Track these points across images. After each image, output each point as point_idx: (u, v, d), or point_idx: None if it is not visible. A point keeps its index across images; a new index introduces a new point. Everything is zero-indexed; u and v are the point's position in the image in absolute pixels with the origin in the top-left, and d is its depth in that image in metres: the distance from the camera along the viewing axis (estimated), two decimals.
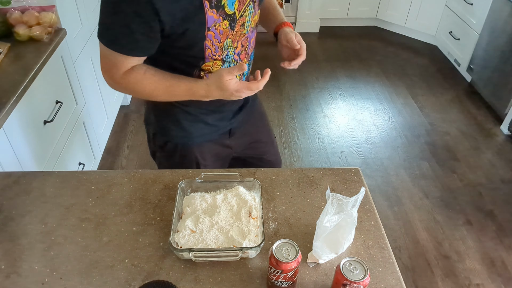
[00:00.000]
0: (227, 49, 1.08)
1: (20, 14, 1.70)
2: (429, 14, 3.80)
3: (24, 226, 0.92)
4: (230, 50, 1.09)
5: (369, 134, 2.85)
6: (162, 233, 0.92)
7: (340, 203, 0.85)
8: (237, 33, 1.08)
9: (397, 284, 0.83)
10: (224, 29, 1.03)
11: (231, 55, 1.10)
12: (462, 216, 2.26)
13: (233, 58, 1.12)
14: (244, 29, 1.10)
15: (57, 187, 1.02)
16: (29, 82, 1.48)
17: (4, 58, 1.57)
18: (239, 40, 1.11)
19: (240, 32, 1.09)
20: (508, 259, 2.04)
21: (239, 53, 1.13)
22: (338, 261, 0.79)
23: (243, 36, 1.11)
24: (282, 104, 3.10)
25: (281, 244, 0.78)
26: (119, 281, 0.82)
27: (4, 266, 0.84)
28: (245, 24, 1.09)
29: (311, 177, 1.08)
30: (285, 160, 2.62)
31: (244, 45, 1.14)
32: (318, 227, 0.85)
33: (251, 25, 1.12)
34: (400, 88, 3.37)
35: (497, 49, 2.96)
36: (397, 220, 2.23)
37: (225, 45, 1.07)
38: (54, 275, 0.83)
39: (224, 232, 0.89)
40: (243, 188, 0.98)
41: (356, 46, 3.96)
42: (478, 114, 3.07)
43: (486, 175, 2.53)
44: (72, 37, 1.97)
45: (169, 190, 1.03)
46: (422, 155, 2.68)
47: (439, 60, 3.78)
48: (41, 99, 1.66)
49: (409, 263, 2.01)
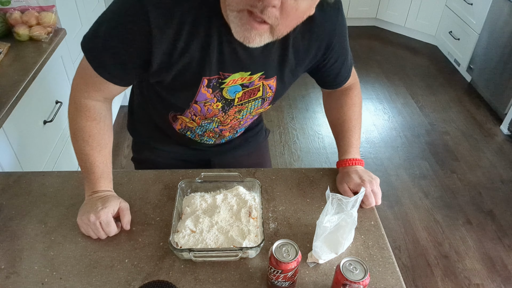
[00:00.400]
0: (212, 120, 1.00)
1: (20, 14, 1.70)
2: (429, 14, 3.80)
3: (24, 226, 0.92)
4: (214, 123, 1.02)
5: (369, 134, 2.85)
6: (162, 233, 0.92)
7: (340, 203, 0.85)
8: (229, 116, 0.99)
9: (397, 284, 0.83)
10: (214, 109, 0.94)
11: (213, 126, 1.03)
12: (462, 216, 2.27)
13: (213, 129, 1.05)
14: (239, 115, 1.00)
15: (57, 187, 1.02)
16: (29, 82, 1.48)
17: (4, 58, 1.57)
18: (230, 123, 1.03)
19: (233, 117, 1.00)
20: (508, 259, 2.04)
21: (222, 129, 1.06)
22: (338, 261, 0.79)
23: (236, 120, 1.02)
24: (281, 104, 3.10)
25: (281, 244, 0.78)
26: (119, 281, 0.82)
27: (4, 266, 0.84)
28: (243, 111, 0.99)
29: (311, 177, 1.08)
30: (285, 160, 2.62)
31: (234, 126, 1.06)
32: (318, 227, 0.85)
33: (250, 114, 1.02)
34: (400, 88, 3.37)
35: (497, 49, 2.96)
36: (397, 220, 2.23)
37: (210, 119, 1.00)
38: (54, 275, 0.83)
39: (224, 232, 0.89)
40: (243, 188, 0.98)
41: (356, 46, 3.96)
42: (478, 114, 3.07)
43: (486, 175, 2.53)
44: (72, 37, 1.97)
45: (169, 190, 1.03)
46: (422, 155, 2.68)
47: (439, 60, 3.78)
48: (41, 99, 1.66)
49: (409, 263, 2.01)
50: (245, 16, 0.71)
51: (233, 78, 0.88)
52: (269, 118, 2.96)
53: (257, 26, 0.71)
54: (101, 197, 0.91)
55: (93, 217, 0.87)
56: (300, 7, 0.71)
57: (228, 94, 0.91)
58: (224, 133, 1.08)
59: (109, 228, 0.88)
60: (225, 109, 0.96)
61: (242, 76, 0.89)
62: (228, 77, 0.88)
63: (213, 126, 1.03)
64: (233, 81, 0.89)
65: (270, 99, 0.98)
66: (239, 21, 0.72)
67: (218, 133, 1.08)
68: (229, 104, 0.94)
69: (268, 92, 0.96)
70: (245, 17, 0.71)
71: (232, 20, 0.73)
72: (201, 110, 0.94)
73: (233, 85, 0.90)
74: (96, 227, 0.87)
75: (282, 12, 0.70)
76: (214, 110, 0.94)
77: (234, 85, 0.90)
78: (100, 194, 0.91)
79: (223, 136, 1.11)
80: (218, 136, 1.10)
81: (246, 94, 0.93)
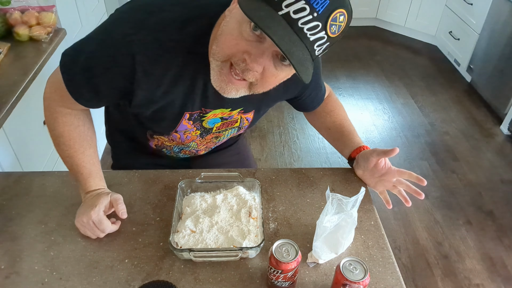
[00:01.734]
0: (188, 146, 1.04)
1: (20, 14, 1.70)
2: (429, 14, 3.80)
3: (24, 226, 0.92)
4: (190, 147, 1.06)
5: (369, 134, 2.85)
6: (162, 233, 0.92)
7: (340, 203, 0.85)
8: (205, 140, 1.03)
9: (397, 284, 0.83)
10: (193, 135, 0.99)
11: (191, 147, 1.06)
12: (462, 216, 2.26)
13: (190, 149, 1.08)
14: (216, 140, 1.05)
15: (57, 187, 1.02)
16: (29, 82, 1.48)
17: (4, 58, 1.57)
18: (206, 145, 1.06)
19: (210, 140, 1.04)
20: (508, 259, 2.04)
21: (198, 150, 1.09)
22: (338, 261, 0.79)
23: (213, 143, 1.07)
24: (282, 104, 3.08)
25: (281, 244, 0.78)
26: (119, 281, 0.82)
27: (4, 266, 0.84)
28: (220, 138, 1.05)
29: (311, 177, 1.08)
30: (285, 160, 2.62)
31: (209, 147, 1.10)
32: (318, 227, 0.85)
33: (226, 138, 1.07)
34: (400, 88, 3.37)
35: (497, 49, 2.96)
36: (397, 220, 2.23)
37: (187, 144, 1.03)
38: (54, 275, 0.83)
39: (224, 232, 0.89)
40: (243, 188, 0.98)
41: (356, 46, 3.96)
42: (478, 114, 3.07)
43: (486, 175, 2.53)
44: (72, 37, 1.97)
45: (169, 190, 1.03)
46: (422, 155, 2.68)
47: (439, 60, 3.78)
48: (41, 99, 1.66)
49: (409, 263, 2.01)
50: (226, 68, 0.73)
51: (214, 113, 0.92)
52: (269, 118, 2.96)
53: (235, 82, 0.74)
54: (93, 196, 0.91)
55: (85, 217, 0.87)
56: (279, 75, 0.75)
57: (207, 125, 0.96)
58: (200, 152, 1.12)
59: (102, 225, 0.88)
60: (203, 135, 1.00)
61: (222, 112, 0.93)
62: (209, 112, 0.92)
63: (190, 147, 1.06)
64: (214, 115, 0.93)
65: (246, 128, 1.04)
66: (219, 71, 0.74)
67: (194, 152, 1.12)
68: (207, 132, 0.99)
69: (244, 123, 1.02)
70: (225, 68, 0.73)
71: (213, 68, 0.75)
72: (180, 137, 0.98)
73: (213, 118, 0.94)
74: (91, 227, 0.88)
75: (262, 76, 0.73)
76: (192, 136, 0.98)
77: (214, 118, 0.94)
78: (92, 194, 0.92)
79: (198, 153, 1.14)
80: (194, 154, 1.13)
81: (224, 125, 0.98)
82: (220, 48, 0.72)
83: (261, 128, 2.88)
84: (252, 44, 0.69)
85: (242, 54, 0.70)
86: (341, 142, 1.10)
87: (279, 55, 0.70)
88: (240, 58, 0.70)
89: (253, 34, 0.68)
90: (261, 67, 0.70)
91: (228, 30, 0.71)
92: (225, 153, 1.24)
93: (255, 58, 0.69)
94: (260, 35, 0.68)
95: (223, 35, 0.72)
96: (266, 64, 0.70)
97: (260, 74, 0.72)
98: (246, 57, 0.69)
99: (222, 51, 0.72)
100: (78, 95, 0.86)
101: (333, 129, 1.11)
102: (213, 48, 0.74)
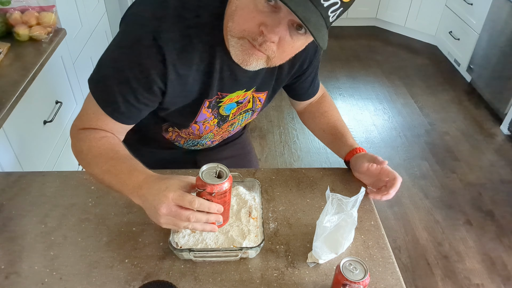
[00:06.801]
0: (205, 138, 1.05)
1: (20, 14, 1.70)
2: (429, 14, 3.80)
3: (24, 226, 0.92)
4: (207, 138, 1.06)
5: (369, 134, 2.85)
6: (162, 233, 0.92)
7: (340, 203, 0.85)
8: (222, 129, 1.04)
9: (397, 284, 0.83)
10: (211, 125, 0.99)
11: (207, 138, 1.07)
12: (462, 216, 2.27)
13: (205, 142, 1.09)
14: (231, 127, 1.06)
15: (57, 187, 1.02)
16: (28, 82, 1.48)
17: (4, 58, 1.57)
18: (221, 135, 1.08)
19: (226, 129, 1.05)
20: (508, 259, 2.04)
21: (213, 141, 1.10)
22: (338, 261, 0.79)
23: (227, 132, 1.08)
24: (282, 104, 3.10)
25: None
26: (119, 281, 0.82)
27: (4, 266, 0.84)
28: (235, 124, 1.05)
29: (311, 177, 1.08)
30: (285, 160, 2.62)
31: (224, 137, 1.11)
32: (318, 227, 0.85)
33: (240, 126, 1.08)
34: (400, 88, 3.37)
35: (497, 49, 2.96)
36: (397, 220, 2.23)
37: (205, 136, 1.04)
38: (54, 275, 0.83)
39: (224, 232, 0.89)
40: (243, 188, 0.98)
41: (356, 46, 3.96)
42: (478, 114, 3.07)
43: (486, 175, 2.53)
44: (72, 37, 1.97)
45: None
46: (422, 155, 2.68)
47: (439, 60, 3.78)
48: (41, 99, 1.66)
49: (409, 263, 2.01)
50: (246, 43, 0.74)
51: (230, 97, 0.93)
52: (269, 118, 2.96)
53: (258, 52, 0.75)
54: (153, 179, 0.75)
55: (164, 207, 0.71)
56: (295, 44, 0.76)
57: (224, 111, 0.96)
58: (214, 143, 1.13)
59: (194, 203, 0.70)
60: (220, 124, 1.01)
61: (238, 94, 0.94)
62: (225, 97, 0.92)
63: (204, 141, 1.07)
64: (230, 99, 0.94)
65: (259, 110, 1.05)
66: (240, 47, 0.75)
67: (208, 145, 1.12)
68: (224, 120, 0.99)
69: (257, 104, 1.02)
70: (246, 44, 0.74)
71: (233, 45, 0.76)
72: (199, 128, 0.98)
73: (229, 103, 0.95)
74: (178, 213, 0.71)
75: (279, 47, 0.74)
76: (210, 126, 0.99)
77: (230, 103, 0.95)
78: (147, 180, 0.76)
79: (211, 144, 1.15)
80: (207, 145, 1.14)
81: (239, 109, 0.99)
82: (236, 23, 0.73)
83: (261, 128, 2.88)
84: (267, 15, 0.70)
85: (259, 27, 0.71)
86: (335, 144, 1.11)
87: (295, 24, 0.71)
88: (256, 32, 0.71)
89: (267, 4, 0.69)
90: (277, 37, 0.71)
91: (243, 5, 0.72)
92: (231, 147, 1.25)
93: (272, 28, 0.70)
94: (274, 5, 0.69)
95: (237, 10, 0.73)
96: (282, 34, 0.71)
97: (276, 45, 0.73)
98: (263, 29, 0.70)
99: (239, 26, 0.73)
100: (117, 114, 0.84)
101: (327, 131, 1.12)
102: (229, 25, 0.75)
